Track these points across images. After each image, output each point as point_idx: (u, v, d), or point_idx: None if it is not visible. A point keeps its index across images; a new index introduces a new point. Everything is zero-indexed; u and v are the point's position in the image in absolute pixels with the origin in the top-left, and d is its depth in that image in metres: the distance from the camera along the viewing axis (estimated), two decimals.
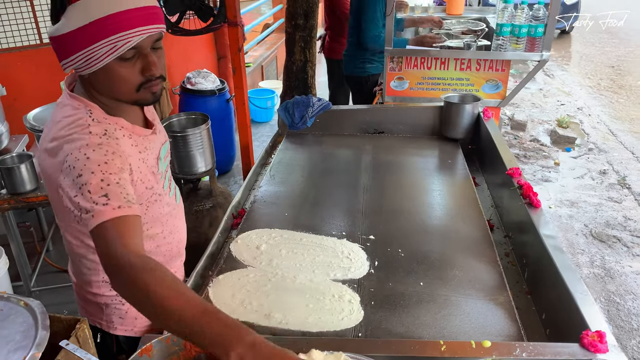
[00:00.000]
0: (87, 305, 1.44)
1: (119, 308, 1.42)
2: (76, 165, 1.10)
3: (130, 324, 1.44)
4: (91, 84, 1.21)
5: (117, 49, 1.11)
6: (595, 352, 1.13)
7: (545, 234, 1.56)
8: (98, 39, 1.10)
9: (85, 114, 1.19)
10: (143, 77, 1.18)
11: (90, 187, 1.08)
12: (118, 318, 1.43)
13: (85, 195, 1.07)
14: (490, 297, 1.48)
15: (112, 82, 1.18)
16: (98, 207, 1.06)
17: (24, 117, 2.77)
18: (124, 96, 1.22)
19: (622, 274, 3.43)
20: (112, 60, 1.13)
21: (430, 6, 4.53)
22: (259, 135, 5.38)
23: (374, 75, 3.82)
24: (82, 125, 1.17)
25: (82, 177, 1.09)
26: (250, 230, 1.83)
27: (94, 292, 1.40)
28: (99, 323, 1.43)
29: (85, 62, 1.13)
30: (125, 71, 1.16)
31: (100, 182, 1.09)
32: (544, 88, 7.42)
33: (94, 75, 1.17)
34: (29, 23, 3.66)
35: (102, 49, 1.11)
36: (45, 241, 3.43)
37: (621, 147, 5.45)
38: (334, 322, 1.39)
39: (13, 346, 1.07)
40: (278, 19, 7.34)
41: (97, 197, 1.07)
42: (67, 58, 1.14)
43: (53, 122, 1.23)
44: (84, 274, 1.38)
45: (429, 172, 2.36)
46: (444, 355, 1.15)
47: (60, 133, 1.17)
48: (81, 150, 1.12)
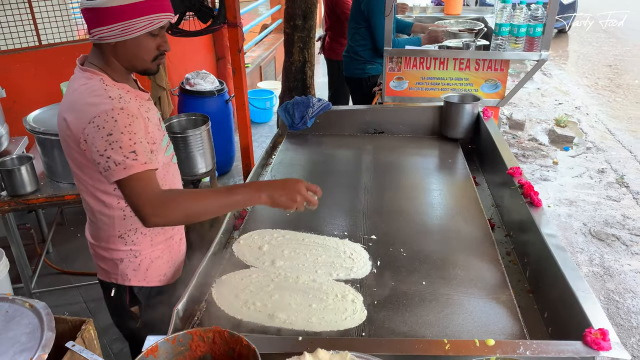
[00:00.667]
0: (103, 264, 1.63)
1: (132, 261, 1.61)
2: (106, 126, 1.33)
3: (142, 275, 1.63)
4: (115, 51, 1.43)
5: (151, 25, 1.39)
6: (598, 350, 1.14)
7: (546, 233, 1.57)
8: (140, 15, 1.36)
9: (98, 81, 1.42)
10: (158, 51, 1.46)
11: (122, 144, 1.32)
12: (132, 271, 1.62)
13: (117, 150, 1.31)
14: (492, 296, 1.49)
15: (137, 51, 1.43)
16: (129, 162, 1.32)
17: (24, 119, 2.76)
18: (140, 64, 1.47)
19: (621, 273, 3.44)
20: (143, 34, 1.39)
21: (428, 6, 4.54)
22: (257, 135, 5.38)
23: (373, 76, 3.83)
24: (99, 89, 1.39)
25: (112, 135, 1.32)
26: (253, 231, 1.83)
27: (111, 247, 1.58)
28: (114, 278, 1.63)
29: (122, 31, 1.37)
30: (150, 44, 1.43)
31: (129, 141, 1.33)
32: (542, 87, 7.44)
33: (122, 44, 1.40)
34: (27, 25, 3.65)
35: (141, 23, 1.37)
36: (46, 243, 3.42)
37: (619, 146, 5.46)
38: (338, 321, 1.39)
39: (19, 347, 1.08)
40: (276, 20, 7.34)
41: (127, 152, 1.32)
42: (104, 26, 1.36)
43: (70, 92, 1.44)
44: (102, 231, 1.57)
45: (430, 172, 2.37)
46: (448, 353, 1.16)
47: (81, 98, 1.39)
48: (108, 114, 1.34)
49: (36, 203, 2.70)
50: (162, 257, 1.66)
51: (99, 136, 1.33)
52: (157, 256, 1.64)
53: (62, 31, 3.84)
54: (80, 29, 4.05)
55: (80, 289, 3.18)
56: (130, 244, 1.58)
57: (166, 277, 1.69)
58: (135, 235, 1.57)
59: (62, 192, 2.71)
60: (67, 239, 3.70)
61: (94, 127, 1.33)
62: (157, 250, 1.64)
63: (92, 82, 1.41)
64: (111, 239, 1.57)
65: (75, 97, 1.41)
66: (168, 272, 1.70)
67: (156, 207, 1.32)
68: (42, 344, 1.06)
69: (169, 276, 1.70)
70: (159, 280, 1.67)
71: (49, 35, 3.77)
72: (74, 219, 3.93)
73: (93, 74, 1.43)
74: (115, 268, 1.61)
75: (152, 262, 1.64)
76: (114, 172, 1.32)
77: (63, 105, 1.45)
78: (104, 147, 1.32)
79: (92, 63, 1.46)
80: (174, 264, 1.72)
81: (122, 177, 1.32)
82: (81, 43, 3.95)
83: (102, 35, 1.37)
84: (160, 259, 1.66)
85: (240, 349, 1.11)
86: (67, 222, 3.87)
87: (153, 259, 1.64)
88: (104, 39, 1.38)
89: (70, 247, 3.62)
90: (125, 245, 1.58)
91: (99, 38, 1.38)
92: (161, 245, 1.65)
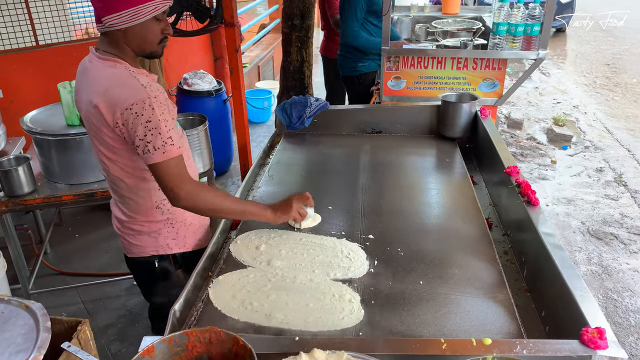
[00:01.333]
0: (138, 240, 1.76)
1: (170, 231, 1.76)
2: (144, 114, 1.46)
3: (182, 242, 1.80)
4: (125, 37, 1.54)
5: (157, 9, 1.51)
6: (595, 349, 1.14)
7: (544, 232, 1.57)
8: (146, 1, 1.48)
9: (124, 69, 1.54)
10: (162, 34, 1.58)
11: (160, 131, 1.48)
12: (171, 240, 1.78)
13: (156, 136, 1.47)
14: (489, 295, 1.49)
15: (144, 35, 1.54)
16: (167, 147, 1.49)
17: (21, 120, 2.76)
18: (148, 47, 1.58)
19: (619, 271, 3.44)
20: (149, 19, 1.51)
21: (426, 5, 4.53)
22: (255, 135, 5.38)
23: (366, 73, 3.82)
24: (129, 76, 1.51)
25: (151, 122, 1.47)
26: (250, 231, 1.83)
27: (150, 220, 1.72)
28: (154, 251, 1.77)
29: (131, 16, 1.48)
30: (155, 28, 1.55)
31: (165, 128, 1.49)
32: (540, 86, 7.44)
33: (131, 30, 1.52)
34: (24, 25, 3.64)
35: (148, 8, 1.49)
36: (43, 244, 3.41)
37: (617, 145, 5.47)
38: (335, 321, 1.39)
39: (14, 349, 1.07)
40: (274, 19, 7.33)
41: (165, 138, 1.48)
42: (114, 13, 1.47)
43: (94, 79, 1.54)
44: (140, 205, 1.70)
45: (427, 171, 2.37)
46: (445, 353, 1.15)
47: (113, 85, 1.50)
48: (145, 102, 1.47)
49: (33, 204, 2.70)
50: (194, 223, 1.84)
51: (138, 122, 1.47)
52: (190, 222, 1.81)
53: (60, 31, 3.84)
54: (77, 30, 4.05)
55: (78, 290, 3.18)
56: (166, 212, 1.73)
57: (200, 242, 1.87)
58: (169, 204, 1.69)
59: (60, 192, 2.71)
60: (64, 239, 3.70)
61: (132, 113, 1.46)
62: (189, 216, 1.79)
63: (118, 69, 1.53)
64: (149, 210, 1.71)
65: (106, 84, 1.51)
66: (202, 236, 1.88)
67: (189, 192, 1.53)
68: (37, 345, 1.05)
69: (203, 240, 1.88)
70: (195, 244, 1.85)
71: (46, 35, 3.76)
72: (72, 220, 3.92)
73: (115, 62, 1.54)
74: (154, 241, 1.76)
75: (188, 229, 1.81)
76: (153, 156, 1.49)
77: (90, 94, 1.53)
78: (143, 132, 1.47)
79: (107, 51, 1.56)
80: (204, 228, 1.90)
81: (161, 160, 1.49)
82: (78, 43, 3.95)
83: (113, 22, 1.49)
84: (193, 225, 1.83)
85: (236, 349, 1.10)
86: (65, 223, 3.87)
87: (187, 225, 1.80)
88: (115, 25, 1.49)
89: (68, 247, 3.62)
90: (162, 215, 1.73)
91: (110, 25, 1.50)
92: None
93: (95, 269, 3.35)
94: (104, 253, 3.49)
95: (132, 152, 1.58)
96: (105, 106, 1.49)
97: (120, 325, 2.91)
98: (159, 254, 1.78)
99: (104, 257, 3.44)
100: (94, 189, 2.73)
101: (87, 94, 1.56)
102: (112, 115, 1.49)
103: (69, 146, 2.67)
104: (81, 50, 3.94)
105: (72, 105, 2.64)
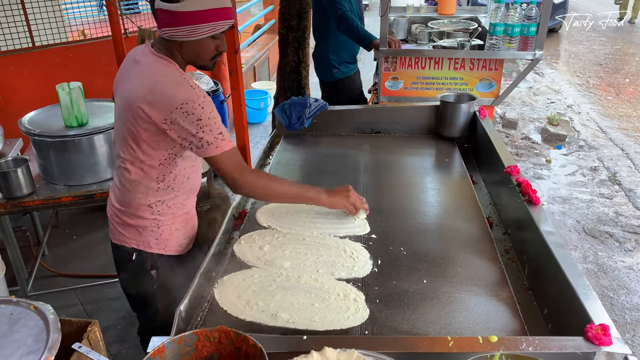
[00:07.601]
0: (124, 230, 1.80)
1: (154, 231, 1.78)
2: (195, 112, 1.55)
3: (163, 245, 1.82)
4: (181, 47, 1.63)
5: (214, 30, 1.59)
6: (599, 345, 1.16)
7: (545, 230, 1.59)
8: (207, 21, 1.57)
9: (175, 70, 1.62)
10: (216, 51, 1.67)
11: (211, 128, 1.57)
12: (154, 239, 1.80)
13: (207, 132, 1.57)
14: (492, 293, 1.50)
15: (199, 50, 1.64)
16: (218, 142, 1.60)
17: (19, 121, 2.74)
18: (200, 61, 1.68)
19: (614, 269, 3.48)
20: (206, 37, 1.60)
21: (422, 6, 4.55)
22: (252, 136, 5.38)
23: (342, 79, 3.72)
24: (179, 77, 1.59)
25: (201, 120, 1.56)
26: (253, 231, 1.84)
27: (138, 214, 1.75)
28: (135, 244, 1.80)
29: (189, 33, 1.57)
30: (210, 45, 1.64)
31: (214, 124, 1.58)
32: (534, 86, 7.50)
33: (187, 43, 1.61)
34: (21, 27, 3.63)
35: (206, 28, 1.58)
36: (41, 245, 3.40)
37: (611, 144, 5.52)
38: (341, 320, 1.40)
39: (25, 350, 1.07)
40: (269, 20, 7.34)
41: (217, 133, 1.59)
42: (175, 27, 1.56)
43: (148, 73, 1.61)
44: (134, 199, 1.73)
45: (427, 171, 2.38)
46: (452, 350, 1.17)
47: (164, 83, 1.57)
48: (195, 102, 1.55)
49: (32, 205, 2.69)
50: (180, 230, 1.85)
51: (189, 121, 1.55)
52: (176, 228, 1.83)
53: (56, 32, 3.82)
54: (73, 31, 4.03)
55: (76, 291, 3.17)
56: (155, 213, 1.76)
57: (181, 248, 1.88)
58: (162, 207, 1.76)
59: (58, 194, 2.70)
60: (62, 241, 3.69)
61: (183, 112, 1.54)
62: (176, 222, 1.82)
63: (170, 69, 1.61)
64: (141, 207, 1.74)
65: (156, 80, 1.58)
66: (184, 243, 1.89)
67: (248, 180, 1.67)
68: (48, 346, 1.05)
69: (183, 247, 1.89)
70: (176, 250, 1.86)
71: (42, 36, 3.75)
72: (69, 221, 3.91)
73: (168, 62, 1.62)
74: (138, 235, 1.79)
75: (172, 234, 1.83)
76: (207, 150, 1.59)
77: (138, 84, 1.59)
78: (195, 130, 1.56)
79: (162, 51, 1.64)
80: (189, 236, 1.91)
81: (215, 154, 1.60)
82: (74, 44, 3.94)
83: (172, 34, 1.58)
84: (179, 232, 1.85)
85: (246, 348, 1.11)
86: (62, 225, 3.85)
87: (173, 230, 1.82)
88: (173, 37, 1.58)
89: (66, 249, 3.61)
90: (151, 215, 1.76)
91: (169, 36, 1.58)
92: (180, 219, 1.83)
93: (93, 271, 3.35)
94: (101, 254, 3.48)
95: (152, 148, 1.63)
96: (154, 102, 1.55)
97: (119, 327, 2.90)
98: (139, 248, 1.81)
99: (101, 259, 3.43)
100: (93, 190, 2.72)
101: (132, 83, 1.62)
102: (162, 113, 1.55)
103: (67, 148, 2.66)
104: (77, 51, 3.93)
105: (70, 106, 2.63)
